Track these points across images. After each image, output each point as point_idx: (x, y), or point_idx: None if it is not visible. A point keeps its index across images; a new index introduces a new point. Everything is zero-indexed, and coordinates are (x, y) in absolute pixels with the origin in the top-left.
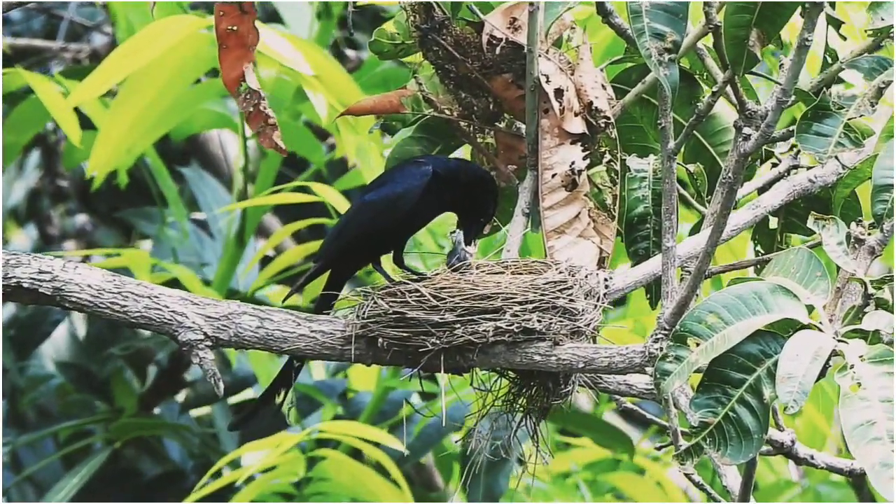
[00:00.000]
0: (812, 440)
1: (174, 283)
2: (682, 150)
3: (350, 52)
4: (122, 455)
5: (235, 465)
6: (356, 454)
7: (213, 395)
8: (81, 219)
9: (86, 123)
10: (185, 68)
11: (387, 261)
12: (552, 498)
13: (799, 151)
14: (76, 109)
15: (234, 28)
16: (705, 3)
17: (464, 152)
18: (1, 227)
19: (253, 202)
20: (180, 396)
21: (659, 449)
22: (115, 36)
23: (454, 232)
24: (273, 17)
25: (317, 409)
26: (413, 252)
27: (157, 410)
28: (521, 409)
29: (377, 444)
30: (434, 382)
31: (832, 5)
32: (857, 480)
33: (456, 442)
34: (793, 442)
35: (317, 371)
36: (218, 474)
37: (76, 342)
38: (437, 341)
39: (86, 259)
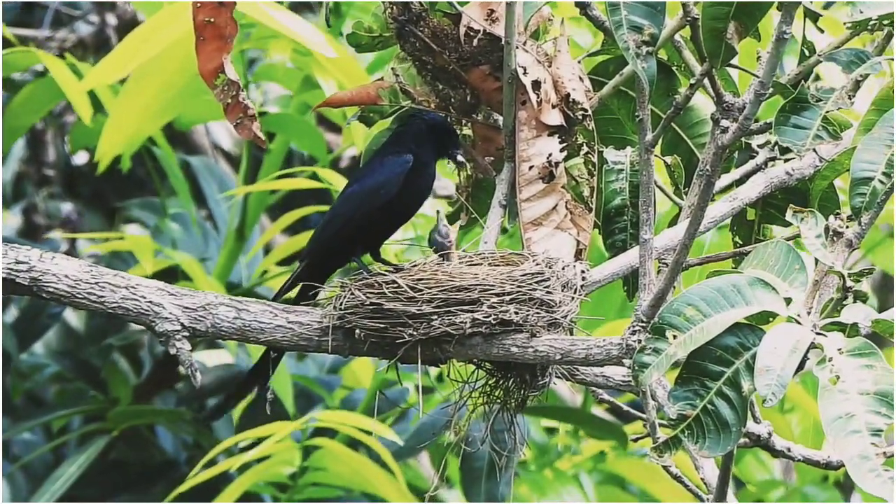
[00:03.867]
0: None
1: (175, 270)
2: (660, 142)
3: None
4: (115, 446)
5: (231, 454)
6: (352, 446)
7: (211, 389)
8: (66, 207)
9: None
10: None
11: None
12: (547, 493)
13: (776, 144)
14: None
15: (211, 20)
16: None
17: None
18: (1, 218)
19: (258, 186)
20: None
21: (635, 441)
22: (101, 25)
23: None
24: None
25: (315, 404)
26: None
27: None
28: (499, 401)
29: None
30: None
31: None
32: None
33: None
34: (769, 434)
35: (310, 368)
36: (212, 463)
37: (71, 333)
38: (415, 332)
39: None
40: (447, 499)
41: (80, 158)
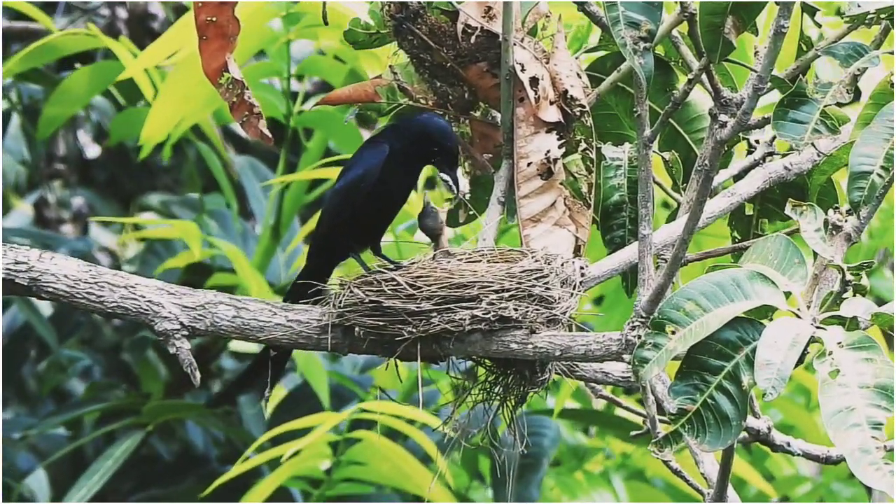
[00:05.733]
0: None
1: (210, 267)
2: (658, 137)
3: None
4: (146, 441)
5: (263, 450)
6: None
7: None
8: (77, 201)
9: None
10: (243, 41)
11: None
12: (577, 495)
13: (774, 139)
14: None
15: (213, 19)
16: None
17: None
18: (1, 208)
19: (299, 175)
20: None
21: (635, 437)
22: (112, 18)
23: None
24: None
25: (347, 403)
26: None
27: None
28: (498, 397)
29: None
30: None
31: None
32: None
33: (435, 430)
34: (769, 429)
35: (344, 368)
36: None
37: (107, 328)
38: (414, 330)
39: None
40: (478, 498)
41: (93, 151)
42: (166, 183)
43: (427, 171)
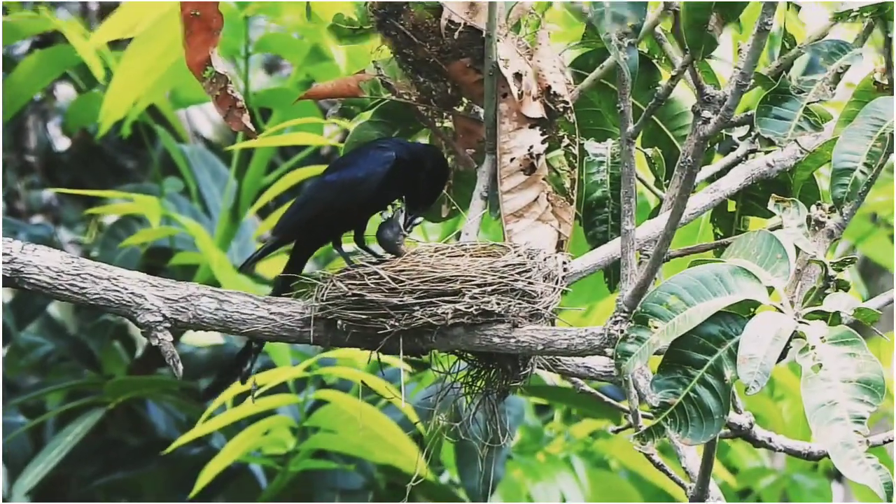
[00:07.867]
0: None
1: (169, 250)
2: (640, 134)
3: None
4: (108, 426)
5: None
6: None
7: (202, 369)
8: (47, 195)
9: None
10: None
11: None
12: (541, 477)
13: (757, 135)
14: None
15: (198, 13)
16: None
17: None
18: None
19: (262, 141)
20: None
21: (617, 431)
22: (84, 10)
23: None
24: None
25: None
26: None
27: None
28: (480, 391)
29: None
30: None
31: None
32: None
33: (418, 424)
34: (751, 424)
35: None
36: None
37: (68, 312)
38: (396, 324)
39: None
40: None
41: (62, 144)
42: (132, 180)
43: None
